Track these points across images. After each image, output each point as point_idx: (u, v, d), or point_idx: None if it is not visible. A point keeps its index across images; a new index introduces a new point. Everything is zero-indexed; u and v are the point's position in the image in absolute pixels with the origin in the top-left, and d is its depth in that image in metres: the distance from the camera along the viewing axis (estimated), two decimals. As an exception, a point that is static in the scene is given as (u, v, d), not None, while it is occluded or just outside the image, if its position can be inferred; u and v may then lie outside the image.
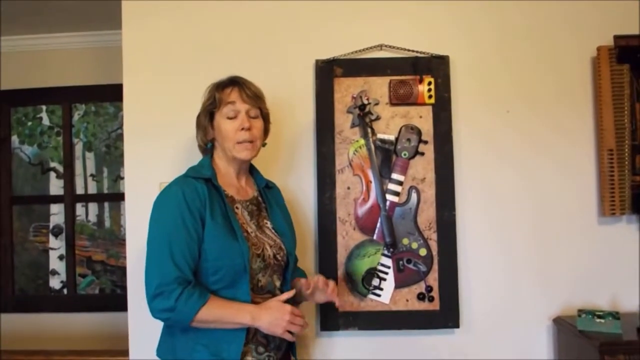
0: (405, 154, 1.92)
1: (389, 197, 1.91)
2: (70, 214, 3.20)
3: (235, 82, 1.56)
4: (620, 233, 1.96)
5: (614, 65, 1.91)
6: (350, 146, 1.93)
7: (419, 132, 1.93)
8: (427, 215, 1.91)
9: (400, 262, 1.90)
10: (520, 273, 1.96)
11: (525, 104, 1.98)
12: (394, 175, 1.92)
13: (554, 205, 1.97)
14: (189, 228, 1.40)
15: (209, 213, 1.43)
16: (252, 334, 1.46)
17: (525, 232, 1.96)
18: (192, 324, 1.39)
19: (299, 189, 1.95)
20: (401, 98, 1.93)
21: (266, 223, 1.60)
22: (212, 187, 1.49)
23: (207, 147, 1.60)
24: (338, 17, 1.98)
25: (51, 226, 3.23)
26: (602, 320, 1.72)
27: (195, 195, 1.43)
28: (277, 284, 1.56)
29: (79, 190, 3.22)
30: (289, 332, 1.45)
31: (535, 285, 1.95)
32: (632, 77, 1.92)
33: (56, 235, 3.23)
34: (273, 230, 1.60)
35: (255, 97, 1.55)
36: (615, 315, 1.72)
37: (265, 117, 1.61)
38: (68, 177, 3.20)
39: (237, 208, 1.53)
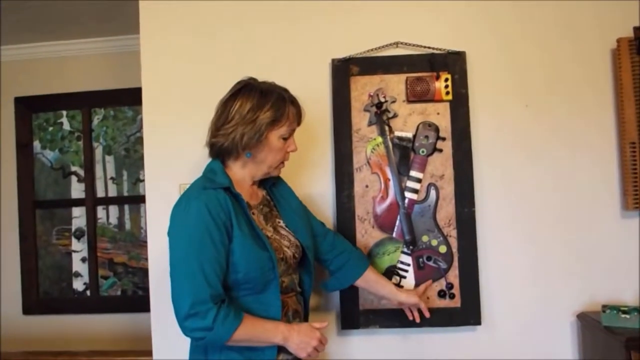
0: (423, 151, 1.91)
1: (408, 194, 1.90)
2: (91, 217, 3.25)
3: (294, 101, 1.54)
4: (644, 227, 1.93)
5: (634, 57, 1.88)
6: (367, 144, 1.92)
7: (436, 129, 1.92)
8: (447, 211, 1.90)
9: (420, 260, 1.89)
10: (542, 269, 1.93)
11: (544, 98, 1.96)
12: (412, 173, 1.91)
13: (576, 200, 1.94)
14: (217, 243, 1.37)
15: (235, 224, 1.40)
16: None
17: (546, 227, 1.94)
18: (226, 343, 1.37)
19: (317, 188, 1.95)
20: (418, 95, 1.92)
21: (279, 222, 1.59)
22: (231, 195, 1.44)
23: (247, 156, 1.49)
24: (353, 16, 1.98)
25: (73, 229, 3.29)
26: (628, 316, 1.69)
27: (219, 208, 1.39)
28: (297, 280, 1.57)
29: (100, 193, 3.27)
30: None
31: (558, 281, 1.93)
32: (654, 68, 1.89)
33: (78, 238, 3.29)
34: (287, 228, 1.59)
35: None
36: (640, 311, 1.70)
37: None
38: (89, 180, 3.26)
39: (253, 214, 1.51)
